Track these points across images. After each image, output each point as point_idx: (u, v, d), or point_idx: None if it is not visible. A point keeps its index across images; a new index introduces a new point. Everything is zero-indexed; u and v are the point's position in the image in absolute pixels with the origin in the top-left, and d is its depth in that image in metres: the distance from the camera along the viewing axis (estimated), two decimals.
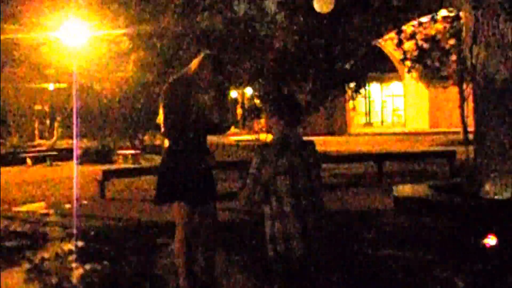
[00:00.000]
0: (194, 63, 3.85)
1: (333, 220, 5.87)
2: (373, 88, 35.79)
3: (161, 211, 5.92)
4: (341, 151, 16.11)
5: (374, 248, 5.26)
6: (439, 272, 4.40)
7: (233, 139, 21.96)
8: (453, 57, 18.81)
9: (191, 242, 3.77)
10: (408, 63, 19.35)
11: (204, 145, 3.90)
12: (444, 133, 25.65)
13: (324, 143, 18.37)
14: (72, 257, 5.37)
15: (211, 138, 4.38)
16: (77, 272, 4.84)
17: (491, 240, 4.82)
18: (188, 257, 3.76)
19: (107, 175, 10.13)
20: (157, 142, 19.69)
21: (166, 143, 3.83)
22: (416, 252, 5.04)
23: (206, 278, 3.89)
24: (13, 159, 18.54)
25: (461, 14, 6.39)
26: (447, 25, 18.16)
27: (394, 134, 28.79)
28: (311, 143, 3.57)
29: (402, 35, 18.02)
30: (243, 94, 24.50)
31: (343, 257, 4.77)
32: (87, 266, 4.99)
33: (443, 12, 17.75)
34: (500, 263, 4.54)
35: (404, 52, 18.76)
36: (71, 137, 22.38)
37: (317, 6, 12.51)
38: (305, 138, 3.52)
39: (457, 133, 21.55)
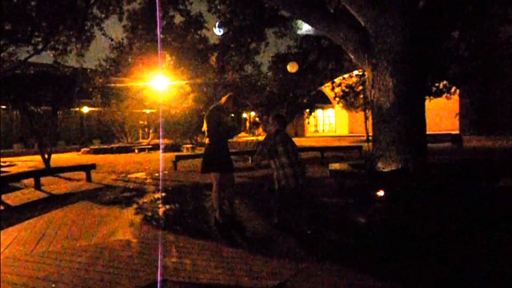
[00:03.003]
0: (223, 99, 3.85)
1: None
2: (319, 112, 35.56)
3: (204, 177, 5.92)
4: (302, 145, 16.02)
5: (320, 196, 5.27)
6: (351, 211, 4.41)
7: (244, 139, 21.85)
8: (361, 96, 18.70)
9: (221, 193, 3.77)
10: (337, 99, 19.28)
11: (226, 142, 3.88)
12: (356, 136, 25.54)
13: None
14: (159, 201, 5.39)
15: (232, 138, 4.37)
16: (162, 210, 4.85)
17: (380, 192, 4.83)
18: (219, 201, 3.77)
19: (178, 158, 10.06)
20: (204, 140, 19.62)
21: (207, 140, 3.83)
22: (340, 199, 5.05)
23: (230, 212, 3.90)
24: (128, 149, 18.59)
25: (365, 72, 6.37)
26: (358, 78, 18.08)
27: (329, 136, 28.72)
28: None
29: (334, 84, 18.00)
30: (250, 115, 24.34)
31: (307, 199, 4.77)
32: (167, 206, 5.01)
33: (355, 72, 17.69)
34: (385, 206, 4.54)
35: (335, 93, 18.70)
36: (158, 138, 22.43)
37: (288, 68, 12.50)
38: None
39: (362, 136, 21.45)
